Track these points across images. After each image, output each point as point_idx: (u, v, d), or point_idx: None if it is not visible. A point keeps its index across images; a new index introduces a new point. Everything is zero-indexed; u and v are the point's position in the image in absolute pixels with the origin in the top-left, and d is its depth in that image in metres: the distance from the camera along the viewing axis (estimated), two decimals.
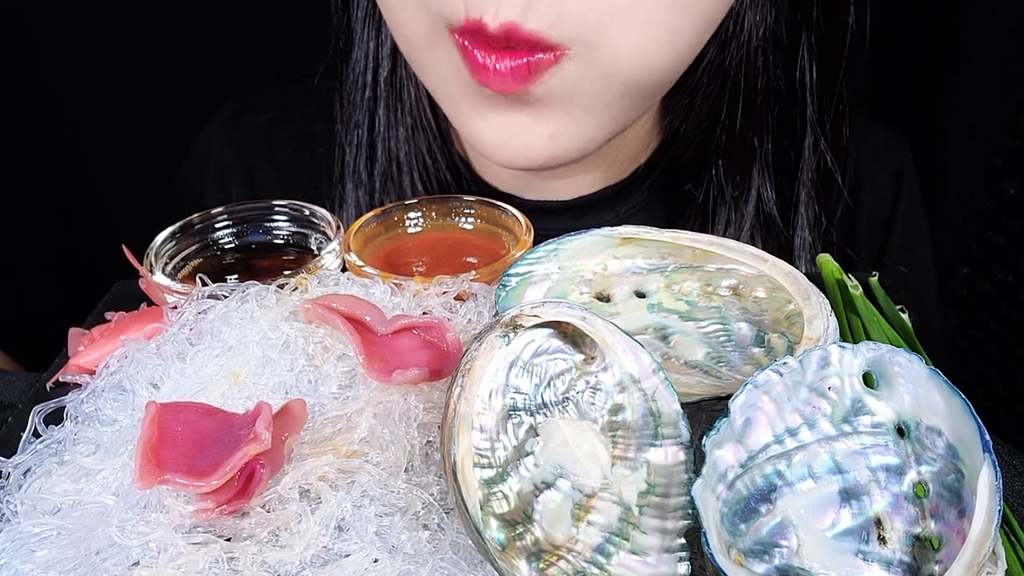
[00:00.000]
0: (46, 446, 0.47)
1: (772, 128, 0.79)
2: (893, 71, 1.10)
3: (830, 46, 0.76)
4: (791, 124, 0.79)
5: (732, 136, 0.78)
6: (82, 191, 1.20)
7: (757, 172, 0.80)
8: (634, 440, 0.44)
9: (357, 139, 0.83)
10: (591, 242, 0.55)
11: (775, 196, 0.81)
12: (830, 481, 0.43)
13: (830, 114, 0.79)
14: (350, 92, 0.83)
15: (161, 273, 0.61)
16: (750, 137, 0.78)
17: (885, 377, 0.43)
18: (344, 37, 0.81)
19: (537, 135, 0.66)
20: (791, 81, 0.77)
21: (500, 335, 0.42)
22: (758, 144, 0.79)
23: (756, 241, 0.81)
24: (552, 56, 0.61)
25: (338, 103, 0.84)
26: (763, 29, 0.74)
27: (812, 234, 0.82)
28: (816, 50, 0.76)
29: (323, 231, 0.66)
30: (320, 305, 0.52)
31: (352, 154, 0.83)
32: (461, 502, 0.38)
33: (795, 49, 0.76)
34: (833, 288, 0.60)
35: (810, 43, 0.76)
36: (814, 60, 0.76)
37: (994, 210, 1.05)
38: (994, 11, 0.98)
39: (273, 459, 0.43)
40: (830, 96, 0.78)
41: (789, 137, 0.80)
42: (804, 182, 0.80)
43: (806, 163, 0.80)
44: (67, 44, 1.12)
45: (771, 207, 0.81)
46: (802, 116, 0.78)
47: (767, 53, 0.75)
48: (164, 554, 0.40)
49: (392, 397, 0.48)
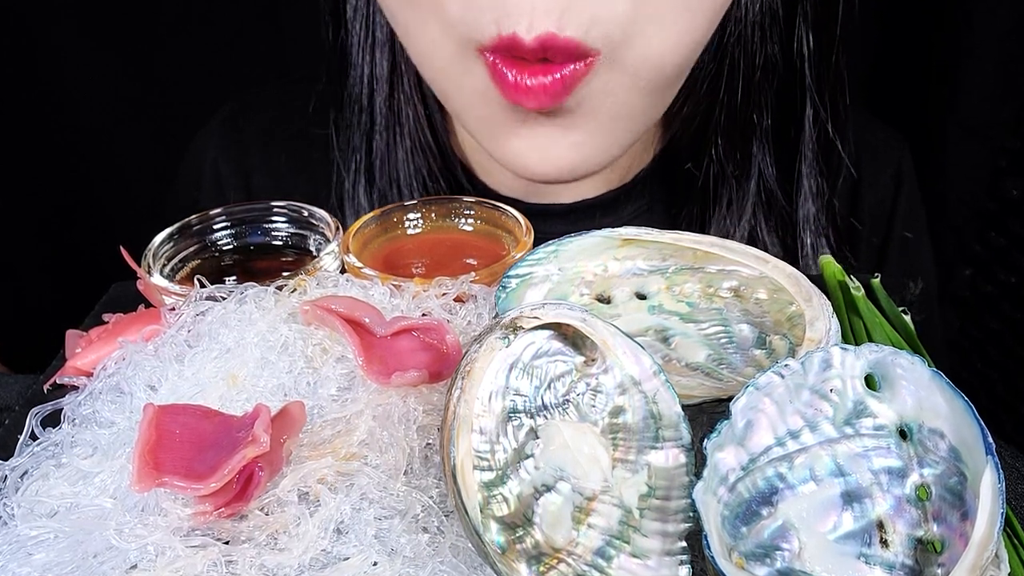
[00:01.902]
0: (43, 448, 0.47)
1: (771, 103, 0.79)
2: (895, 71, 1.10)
3: (825, 15, 0.76)
4: (790, 98, 0.79)
5: (731, 114, 0.78)
6: (81, 192, 1.20)
7: (757, 148, 0.80)
8: (635, 442, 0.44)
9: (355, 164, 0.83)
10: (592, 243, 0.55)
11: (776, 171, 0.81)
12: (832, 484, 0.43)
13: (828, 84, 0.79)
14: (347, 118, 0.82)
15: (159, 274, 0.60)
16: (749, 113, 0.78)
17: (887, 379, 0.42)
18: (337, 62, 0.81)
19: (565, 145, 0.66)
20: (788, 54, 0.77)
21: (500, 337, 0.42)
22: (757, 120, 0.79)
23: (759, 218, 0.81)
24: (584, 65, 0.61)
25: (334, 129, 0.84)
26: (759, 4, 0.74)
27: (816, 204, 0.82)
28: (812, 20, 0.76)
29: (322, 232, 0.66)
30: (319, 307, 0.51)
31: (351, 180, 0.83)
32: (461, 505, 0.38)
33: (791, 21, 0.76)
34: (835, 289, 0.60)
35: (805, 13, 0.76)
36: (810, 30, 0.76)
37: (996, 211, 1.05)
38: (995, 11, 0.98)
39: (272, 462, 0.43)
40: (827, 66, 0.78)
41: (788, 111, 0.80)
42: (805, 154, 0.80)
43: (806, 135, 0.80)
44: (67, 44, 1.12)
45: (772, 183, 0.81)
46: (801, 88, 0.78)
47: (764, 27, 0.75)
48: (162, 557, 0.40)
49: (391, 399, 0.48)
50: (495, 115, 0.66)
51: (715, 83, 0.77)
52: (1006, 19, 0.98)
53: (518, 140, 0.67)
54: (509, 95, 0.62)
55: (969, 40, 1.01)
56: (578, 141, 0.66)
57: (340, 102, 0.82)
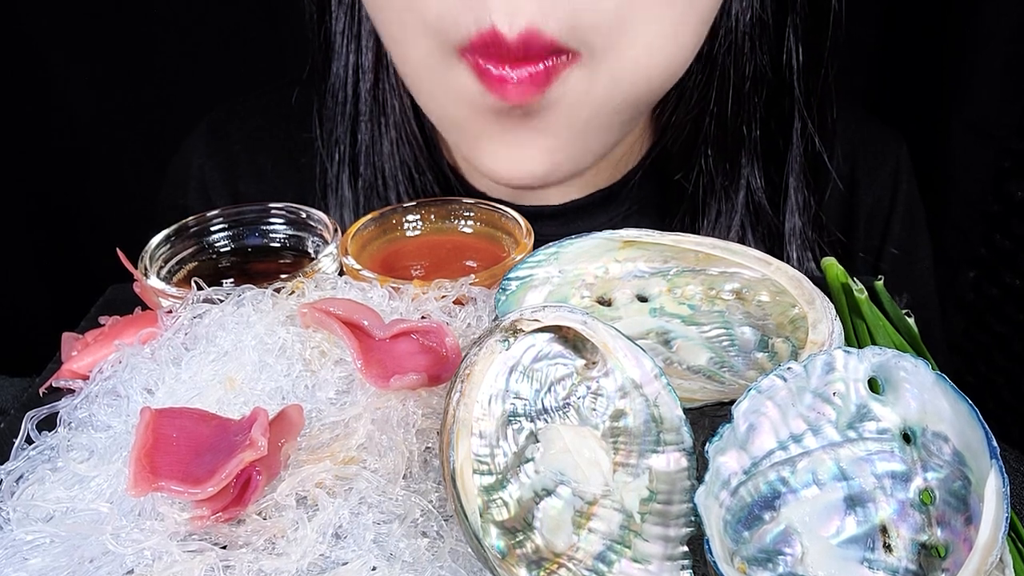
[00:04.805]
0: (39, 452, 0.47)
1: (760, 115, 0.79)
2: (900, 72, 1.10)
3: (814, 28, 0.76)
4: (779, 110, 0.79)
5: (721, 124, 0.78)
6: (76, 194, 1.20)
7: (746, 160, 0.80)
8: (636, 446, 0.44)
9: (339, 155, 0.82)
10: (592, 245, 0.55)
11: (764, 184, 0.81)
12: (835, 488, 0.42)
13: (816, 98, 0.79)
14: (330, 108, 0.82)
15: (156, 277, 0.60)
16: (739, 124, 0.78)
17: (891, 382, 0.42)
18: (322, 52, 0.81)
19: (537, 150, 0.66)
20: (778, 66, 0.77)
21: (500, 340, 0.42)
22: (747, 131, 0.79)
23: (746, 230, 0.81)
24: (567, 57, 0.61)
25: (317, 119, 0.83)
26: (750, 15, 0.74)
27: (802, 218, 0.82)
28: (801, 32, 0.76)
29: (320, 234, 0.65)
30: (317, 309, 0.51)
31: (334, 171, 0.83)
32: (460, 509, 0.38)
33: (780, 33, 0.76)
34: (838, 292, 0.59)
35: (795, 26, 0.76)
36: (799, 43, 0.77)
37: (1001, 213, 1.05)
38: (1002, 12, 0.98)
39: (269, 466, 0.42)
40: (816, 79, 0.78)
41: (777, 123, 0.80)
42: (793, 167, 0.80)
43: (794, 148, 0.80)
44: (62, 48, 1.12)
45: (760, 195, 0.81)
46: (789, 100, 0.78)
47: (754, 38, 0.75)
48: (159, 562, 0.40)
49: (390, 403, 0.47)
50: (473, 118, 0.66)
51: (705, 93, 0.77)
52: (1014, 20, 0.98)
53: (491, 144, 0.67)
54: (494, 89, 0.61)
55: (975, 40, 1.01)
56: (551, 147, 0.66)
57: (323, 92, 0.82)
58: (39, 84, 1.13)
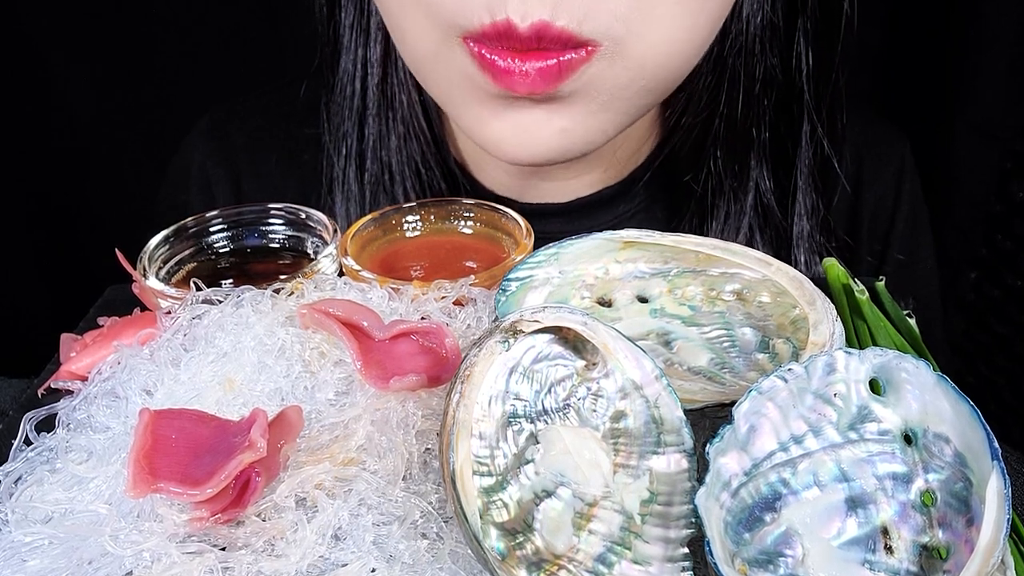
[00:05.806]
0: (37, 454, 0.47)
1: (769, 117, 0.79)
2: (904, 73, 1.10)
3: (825, 32, 0.76)
4: (788, 113, 0.79)
5: (731, 126, 0.77)
6: (76, 194, 1.20)
7: (755, 162, 0.80)
8: (636, 447, 0.44)
9: (346, 150, 0.82)
10: (592, 246, 0.55)
11: (772, 186, 0.81)
12: (836, 489, 0.42)
13: (826, 101, 0.79)
14: (338, 102, 0.82)
15: (155, 277, 0.60)
16: (748, 127, 0.78)
17: (892, 383, 0.42)
18: (331, 46, 0.80)
19: (550, 129, 0.65)
20: (787, 69, 0.77)
21: (500, 341, 0.42)
22: (756, 134, 0.79)
23: (754, 232, 0.81)
24: (584, 53, 0.60)
25: (325, 114, 0.83)
26: (760, 16, 0.74)
27: (810, 222, 0.82)
28: (811, 36, 0.76)
29: (319, 235, 0.65)
30: (316, 310, 0.51)
31: (341, 165, 0.82)
32: (460, 511, 0.37)
33: (791, 36, 0.76)
34: (839, 293, 0.59)
35: (805, 29, 0.76)
36: (810, 46, 0.77)
37: (1003, 214, 1.05)
38: (1006, 13, 0.98)
39: (269, 467, 0.42)
40: (826, 83, 0.78)
41: (786, 126, 0.80)
42: (802, 170, 0.80)
43: (803, 151, 0.80)
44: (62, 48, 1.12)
45: (769, 198, 0.81)
46: (799, 103, 0.78)
47: (764, 40, 0.75)
48: (158, 564, 0.39)
49: (390, 404, 0.47)
50: (479, 100, 0.65)
51: (715, 94, 0.77)
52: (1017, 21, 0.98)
53: (500, 122, 0.65)
54: (500, 80, 0.61)
55: (980, 42, 1.00)
56: (565, 127, 0.65)
57: (332, 85, 0.82)
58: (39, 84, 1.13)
